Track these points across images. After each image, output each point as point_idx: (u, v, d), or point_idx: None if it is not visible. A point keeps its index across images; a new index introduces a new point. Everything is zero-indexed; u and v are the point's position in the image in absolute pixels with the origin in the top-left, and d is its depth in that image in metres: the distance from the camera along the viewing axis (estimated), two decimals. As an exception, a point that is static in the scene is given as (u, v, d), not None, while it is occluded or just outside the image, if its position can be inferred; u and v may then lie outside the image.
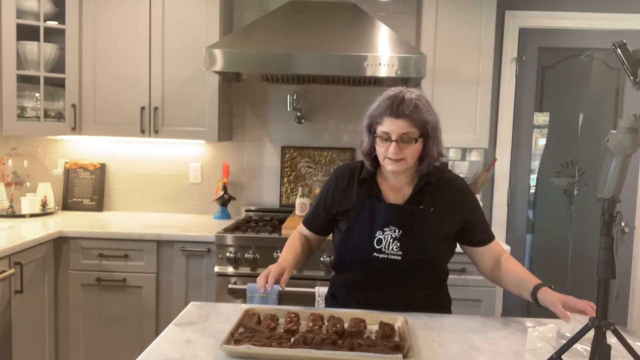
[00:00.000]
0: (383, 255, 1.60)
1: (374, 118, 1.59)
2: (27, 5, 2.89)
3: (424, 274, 1.64)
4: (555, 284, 1.58)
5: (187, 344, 1.34)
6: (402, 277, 1.62)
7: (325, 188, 1.76)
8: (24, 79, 2.97)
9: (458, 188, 1.69)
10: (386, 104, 1.55)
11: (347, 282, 1.70)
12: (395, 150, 1.54)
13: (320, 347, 1.25)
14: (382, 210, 1.62)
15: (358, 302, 1.62)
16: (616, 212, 1.15)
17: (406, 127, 1.53)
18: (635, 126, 1.13)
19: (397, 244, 1.59)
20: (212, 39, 2.89)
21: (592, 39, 3.22)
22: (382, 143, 1.57)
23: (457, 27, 2.90)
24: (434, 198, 1.63)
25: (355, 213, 1.65)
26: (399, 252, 1.59)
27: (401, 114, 1.53)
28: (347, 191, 1.69)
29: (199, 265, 2.73)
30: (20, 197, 3.07)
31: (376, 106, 1.59)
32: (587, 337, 1.20)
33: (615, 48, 1.15)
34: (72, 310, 2.74)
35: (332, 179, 1.75)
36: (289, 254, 1.69)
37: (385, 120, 1.55)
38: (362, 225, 1.63)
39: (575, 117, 3.32)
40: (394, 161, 1.56)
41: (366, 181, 1.67)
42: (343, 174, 1.73)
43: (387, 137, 1.55)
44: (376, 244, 1.60)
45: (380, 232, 1.60)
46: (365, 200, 1.65)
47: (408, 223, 1.60)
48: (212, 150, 3.33)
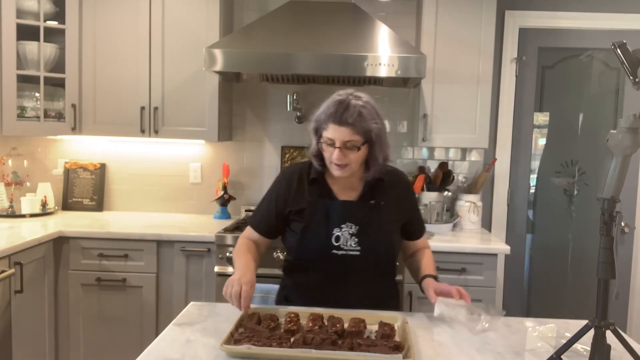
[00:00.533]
0: (342, 251, 1.63)
1: (319, 123, 1.60)
2: (27, 5, 2.89)
3: (381, 267, 1.70)
4: (555, 284, 1.59)
5: (187, 344, 1.34)
6: (360, 272, 1.66)
7: (274, 190, 1.75)
8: (24, 79, 2.97)
9: (404, 183, 1.79)
10: (331, 111, 1.55)
11: (302, 283, 1.69)
12: (339, 157, 1.56)
13: (320, 347, 1.25)
14: (337, 207, 1.65)
15: (315, 301, 1.61)
16: (616, 212, 1.15)
17: (349, 135, 1.55)
18: (635, 126, 1.13)
19: (355, 239, 1.63)
20: (212, 39, 2.89)
21: (592, 39, 3.22)
22: (327, 148, 1.59)
23: (457, 27, 2.90)
24: (383, 193, 1.68)
25: (310, 212, 1.66)
26: (357, 248, 1.63)
27: (344, 122, 1.54)
28: (298, 191, 1.70)
29: (199, 265, 2.74)
30: (20, 197, 3.07)
31: (322, 111, 1.59)
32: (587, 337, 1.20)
33: (615, 48, 1.15)
34: (72, 310, 2.74)
35: (280, 180, 1.75)
36: (251, 262, 1.64)
37: (330, 127, 1.56)
38: (318, 223, 1.64)
39: (575, 117, 3.32)
40: (339, 166, 1.59)
41: (316, 181, 1.69)
42: (292, 174, 1.73)
43: (332, 143, 1.57)
44: (334, 240, 1.63)
45: (337, 229, 1.63)
46: (319, 199, 1.67)
47: (364, 218, 1.64)
48: (212, 150, 3.34)
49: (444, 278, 1.81)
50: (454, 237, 2.85)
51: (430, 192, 3.10)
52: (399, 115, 3.29)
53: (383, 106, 3.27)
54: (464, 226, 3.10)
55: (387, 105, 3.29)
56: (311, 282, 1.68)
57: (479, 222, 3.12)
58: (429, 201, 3.06)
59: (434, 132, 2.94)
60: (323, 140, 1.59)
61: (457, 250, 2.65)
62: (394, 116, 3.29)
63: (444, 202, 3.13)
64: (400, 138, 3.30)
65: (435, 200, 3.07)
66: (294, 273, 1.73)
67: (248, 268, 1.59)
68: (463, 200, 3.12)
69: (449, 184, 3.19)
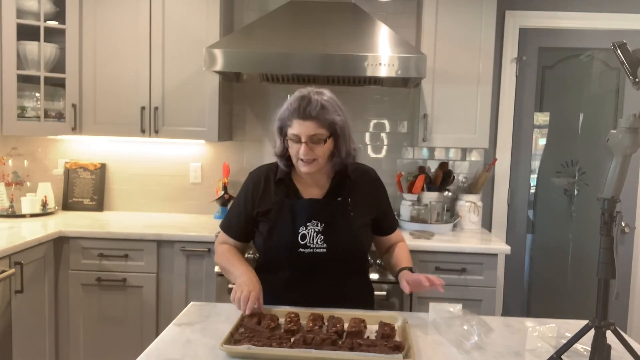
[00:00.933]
0: (309, 249, 1.63)
1: (284, 120, 1.61)
2: (27, 5, 2.89)
3: (349, 264, 1.70)
4: (555, 284, 1.59)
5: (187, 344, 1.34)
6: (328, 270, 1.66)
7: (242, 193, 1.76)
8: (24, 79, 2.97)
9: (372, 179, 1.78)
10: (294, 107, 1.57)
11: (272, 283, 1.67)
12: (306, 151, 1.57)
13: (320, 347, 1.25)
14: (302, 206, 1.66)
15: (286, 301, 1.62)
16: (616, 212, 1.15)
17: (314, 129, 1.57)
18: (635, 126, 1.13)
19: (321, 237, 1.63)
20: (212, 39, 2.89)
21: (592, 39, 3.22)
22: (293, 145, 1.60)
23: (457, 27, 2.90)
24: (349, 190, 1.69)
25: (275, 212, 1.66)
26: (323, 245, 1.63)
27: (308, 116, 1.56)
28: (265, 192, 1.71)
29: (199, 265, 2.73)
30: (20, 197, 3.07)
31: (285, 108, 1.61)
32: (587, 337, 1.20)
33: (615, 48, 1.15)
34: (72, 310, 2.74)
35: (248, 183, 1.76)
36: (247, 265, 1.66)
37: (294, 123, 1.57)
38: (284, 222, 1.65)
39: (575, 117, 3.32)
40: (306, 162, 1.60)
41: (282, 181, 1.70)
42: (258, 176, 1.74)
43: (297, 139, 1.58)
44: (300, 239, 1.63)
45: (303, 227, 1.64)
46: (285, 198, 1.67)
47: (329, 216, 1.65)
48: (212, 150, 3.34)
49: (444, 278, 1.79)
50: (454, 237, 2.85)
51: (431, 192, 3.10)
52: (399, 115, 3.29)
53: (383, 106, 3.29)
54: (464, 226, 3.10)
55: (387, 105, 3.29)
56: (280, 281, 1.68)
57: (479, 222, 3.12)
58: (429, 201, 3.06)
59: (434, 132, 2.94)
60: (289, 137, 1.60)
61: (457, 250, 2.65)
62: (394, 116, 3.29)
63: (444, 202, 3.13)
64: (401, 138, 3.30)
65: (436, 200, 3.07)
66: (263, 273, 1.70)
67: (250, 271, 1.61)
68: (463, 200, 3.12)
69: (449, 184, 3.19)
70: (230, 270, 1.68)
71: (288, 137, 1.60)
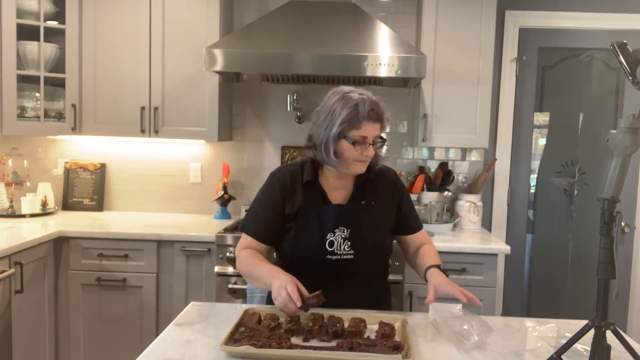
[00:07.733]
0: (336, 256, 1.63)
1: (351, 124, 1.56)
2: (27, 5, 2.89)
3: (373, 269, 1.71)
4: (555, 284, 1.59)
5: (187, 344, 1.34)
6: (354, 275, 1.66)
7: (268, 194, 1.69)
8: (24, 79, 2.97)
9: (391, 178, 1.78)
10: (368, 109, 1.55)
11: None
12: (371, 152, 1.60)
13: (320, 347, 1.25)
14: (330, 212, 1.65)
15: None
16: (616, 212, 1.15)
17: (379, 130, 1.61)
18: (635, 126, 1.13)
19: (348, 243, 1.64)
20: (212, 39, 2.89)
21: (592, 39, 3.22)
22: (356, 147, 1.57)
23: (457, 27, 2.90)
24: (372, 192, 1.70)
25: (303, 217, 1.64)
26: (350, 251, 1.63)
27: (379, 118, 1.59)
28: (292, 195, 1.67)
29: (199, 265, 2.74)
30: (20, 197, 3.07)
31: (350, 111, 1.55)
32: (587, 337, 1.20)
33: (615, 48, 1.15)
34: (72, 310, 2.74)
35: (274, 184, 1.69)
36: (268, 264, 1.60)
37: (364, 125, 1.56)
38: (312, 228, 1.63)
39: (575, 117, 3.32)
40: (364, 162, 1.62)
41: (311, 184, 1.67)
42: (284, 177, 1.69)
43: (364, 140, 1.58)
44: (328, 245, 1.63)
45: (331, 234, 1.63)
46: (312, 203, 1.65)
47: (356, 221, 1.65)
48: (212, 150, 3.34)
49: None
50: (454, 237, 2.85)
51: (431, 192, 3.10)
52: (399, 115, 3.29)
53: (383, 106, 3.29)
54: (464, 226, 3.10)
55: (387, 105, 3.27)
56: (306, 287, 1.63)
57: (479, 222, 3.12)
58: (429, 201, 3.06)
59: (434, 132, 2.94)
60: (352, 139, 1.56)
61: (457, 250, 2.65)
62: (394, 116, 3.29)
63: (444, 202, 3.13)
64: (400, 138, 3.30)
65: (436, 200, 3.07)
66: None
67: (276, 269, 1.54)
68: (463, 200, 3.12)
69: (449, 184, 3.19)
70: (254, 274, 1.60)
71: (348, 139, 1.56)
